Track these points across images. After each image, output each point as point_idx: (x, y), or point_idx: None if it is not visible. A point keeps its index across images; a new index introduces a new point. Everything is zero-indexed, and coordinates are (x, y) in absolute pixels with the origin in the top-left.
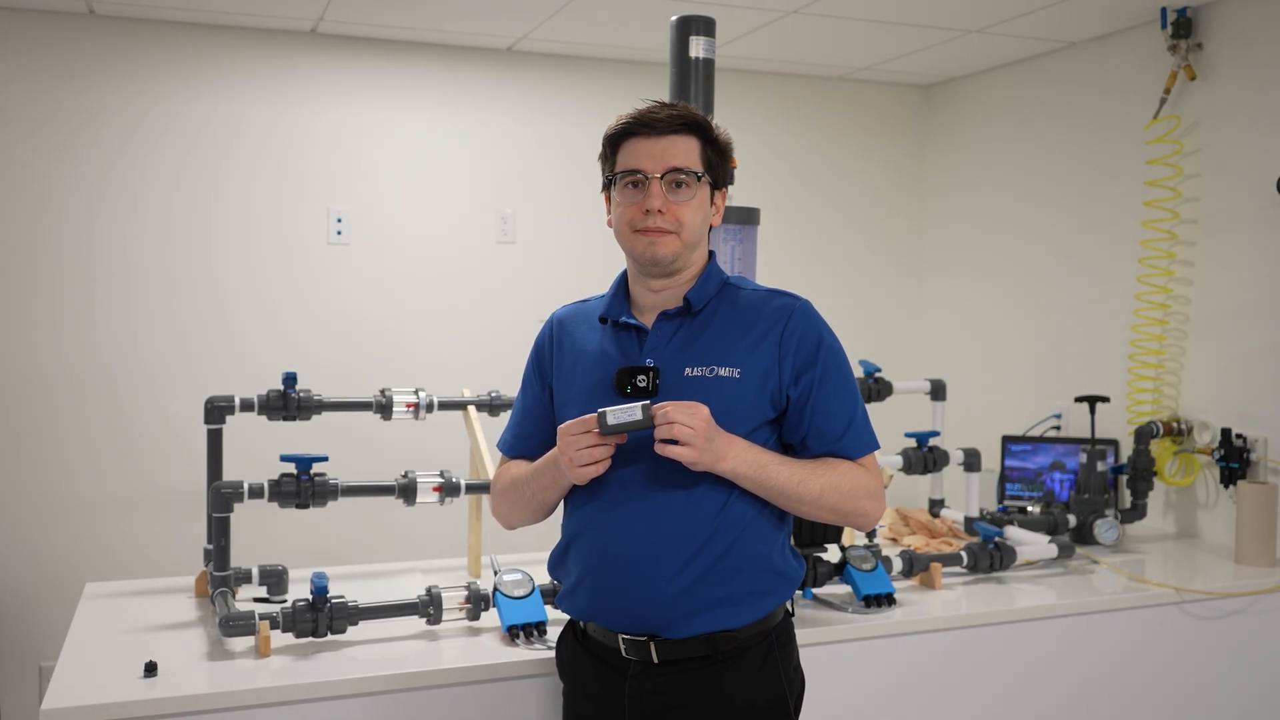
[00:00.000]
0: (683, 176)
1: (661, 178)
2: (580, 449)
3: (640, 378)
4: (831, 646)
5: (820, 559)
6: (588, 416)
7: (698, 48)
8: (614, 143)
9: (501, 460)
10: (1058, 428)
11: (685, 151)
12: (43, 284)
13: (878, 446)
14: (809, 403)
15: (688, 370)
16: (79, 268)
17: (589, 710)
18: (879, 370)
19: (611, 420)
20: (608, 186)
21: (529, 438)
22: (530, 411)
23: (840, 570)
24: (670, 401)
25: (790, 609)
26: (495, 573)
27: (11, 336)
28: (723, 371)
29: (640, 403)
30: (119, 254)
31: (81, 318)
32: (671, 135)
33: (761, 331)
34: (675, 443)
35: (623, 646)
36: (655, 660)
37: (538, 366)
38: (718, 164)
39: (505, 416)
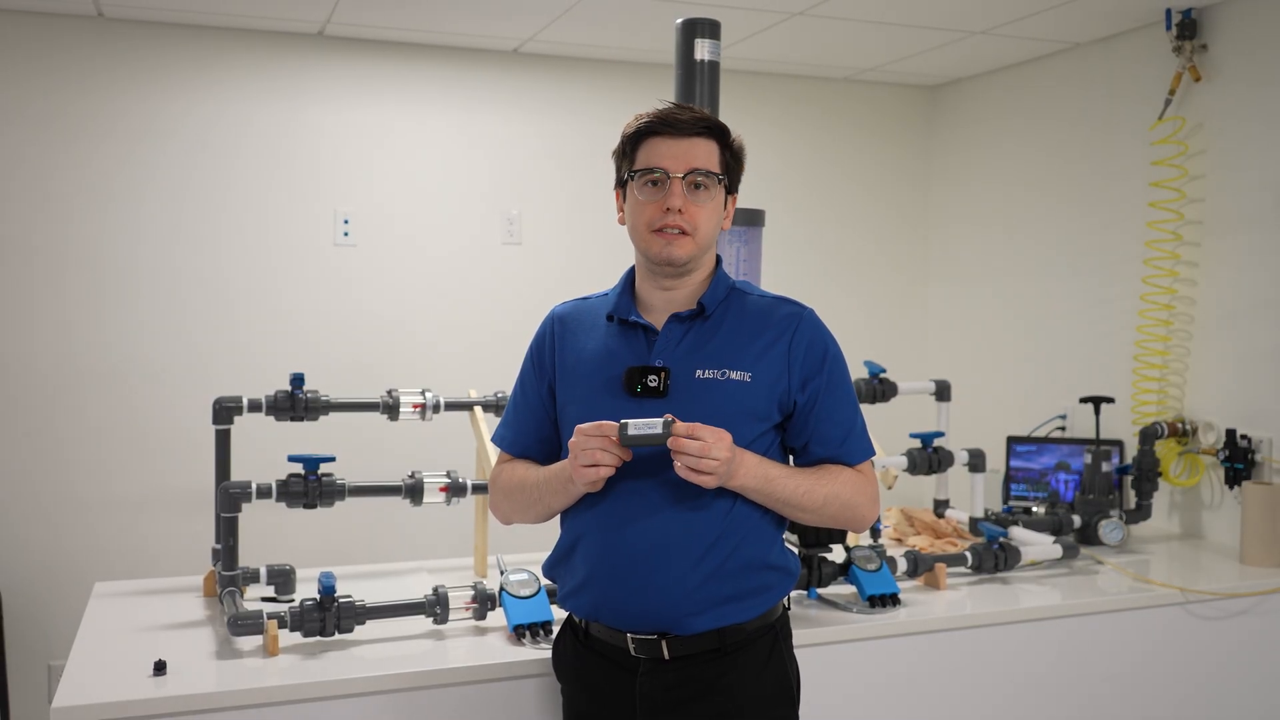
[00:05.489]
0: (703, 178)
1: (683, 178)
2: (589, 450)
3: (651, 378)
4: (836, 646)
5: (825, 559)
6: (607, 423)
7: (703, 50)
8: (634, 141)
9: (501, 457)
10: (1063, 428)
11: (706, 154)
12: (51, 284)
13: (874, 453)
14: (814, 409)
15: (699, 372)
16: (88, 268)
17: (593, 709)
18: (884, 371)
19: (633, 432)
20: (622, 184)
21: (528, 434)
22: (530, 408)
23: (845, 570)
24: (698, 425)
25: (787, 603)
26: (501, 572)
27: (20, 337)
28: (734, 375)
29: (663, 419)
30: (127, 255)
31: (90, 318)
32: (694, 137)
33: (771, 338)
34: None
35: (631, 645)
36: (666, 657)
37: (538, 362)
38: (734, 168)
39: None
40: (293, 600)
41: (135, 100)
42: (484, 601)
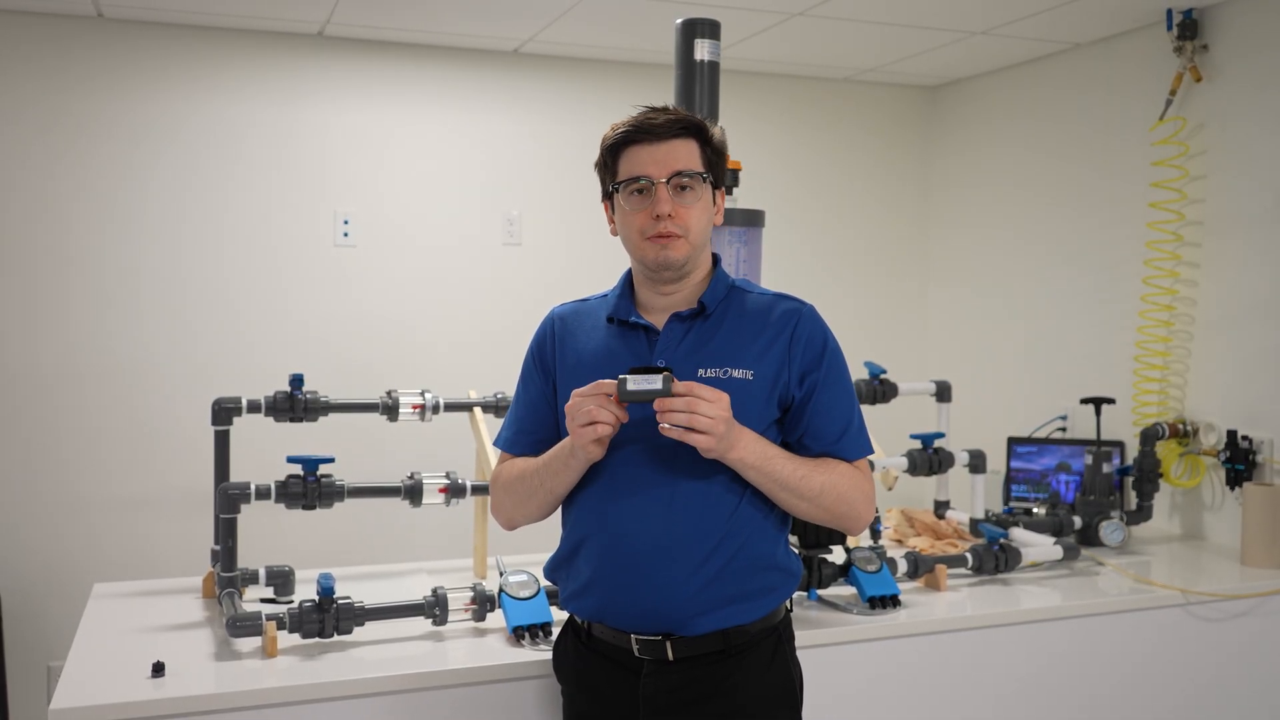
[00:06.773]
0: (687, 179)
1: (667, 182)
2: (586, 409)
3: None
4: (836, 648)
5: (825, 560)
6: (605, 381)
7: (703, 50)
8: (614, 152)
9: (502, 457)
10: (1063, 429)
11: (687, 154)
12: (51, 284)
13: (872, 451)
14: (810, 403)
15: (701, 371)
16: (87, 268)
17: (595, 710)
18: (884, 372)
19: (631, 387)
20: (609, 196)
21: (531, 433)
22: (533, 407)
23: (845, 571)
24: (695, 383)
25: (790, 605)
26: (500, 574)
27: (20, 337)
28: (736, 373)
29: (662, 374)
30: (126, 256)
31: (90, 319)
32: (672, 140)
33: (772, 335)
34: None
35: (635, 646)
36: (670, 658)
37: (539, 361)
38: (717, 164)
39: None
40: (292, 601)
41: (135, 101)
42: (483, 603)
